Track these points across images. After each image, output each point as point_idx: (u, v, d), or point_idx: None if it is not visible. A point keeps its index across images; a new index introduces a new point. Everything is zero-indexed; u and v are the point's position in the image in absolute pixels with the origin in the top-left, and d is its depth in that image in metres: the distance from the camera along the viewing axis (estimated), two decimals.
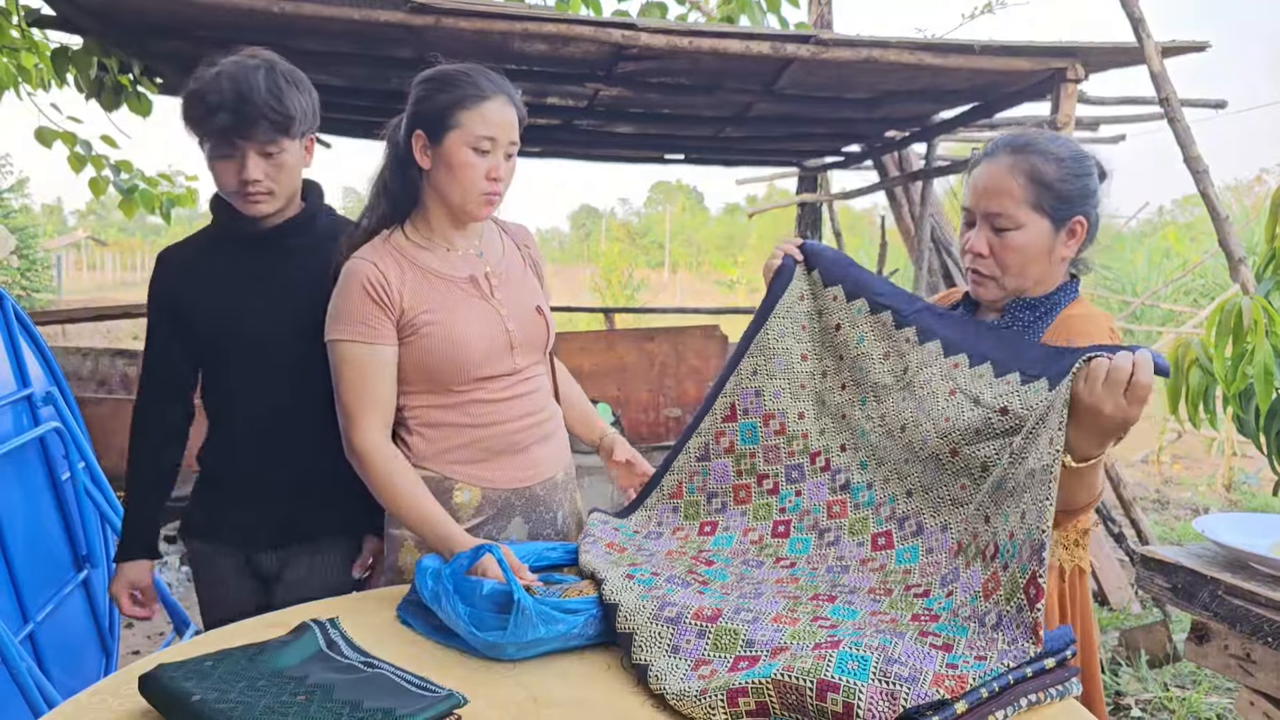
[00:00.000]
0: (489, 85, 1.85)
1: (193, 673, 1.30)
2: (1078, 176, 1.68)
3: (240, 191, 1.92)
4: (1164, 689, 3.80)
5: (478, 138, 1.83)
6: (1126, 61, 4.07)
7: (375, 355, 1.84)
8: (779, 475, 1.82)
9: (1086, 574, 1.72)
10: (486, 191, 1.86)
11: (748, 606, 1.51)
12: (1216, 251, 11.80)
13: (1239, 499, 7.21)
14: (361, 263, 1.86)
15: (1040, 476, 1.35)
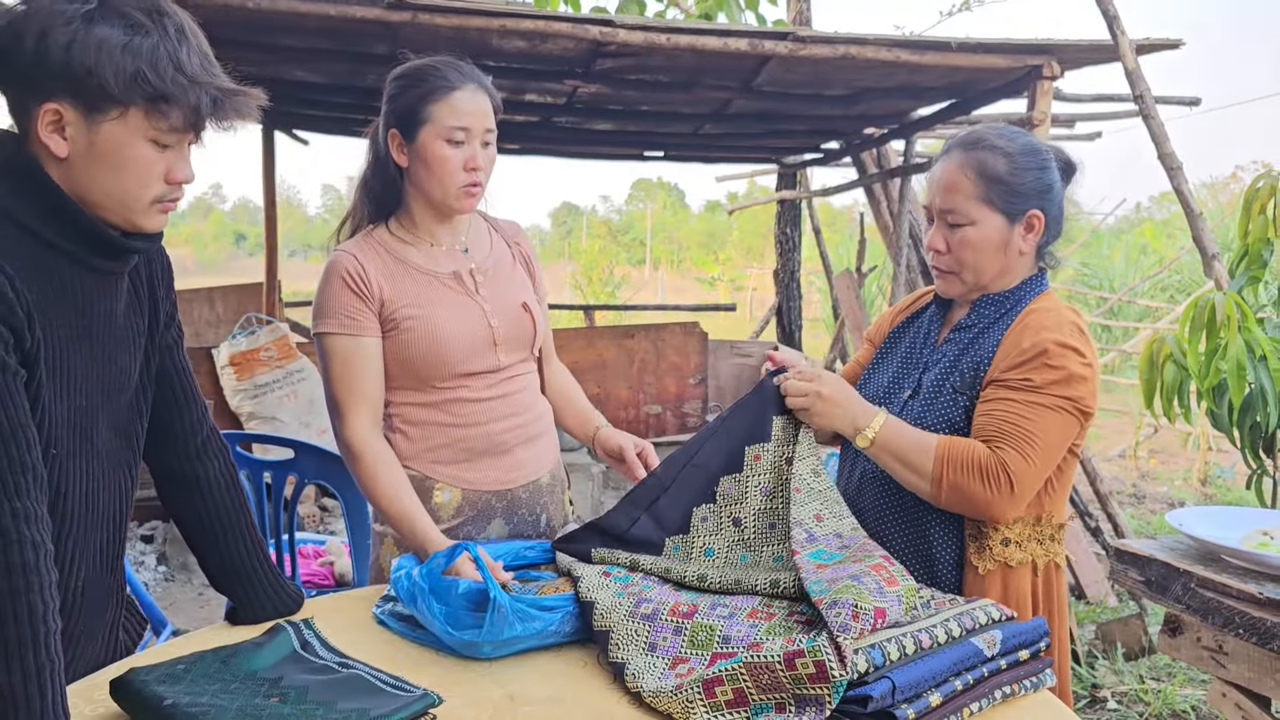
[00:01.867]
0: (457, 76, 1.84)
1: (165, 676, 1.29)
2: (1028, 170, 1.70)
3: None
4: (1140, 681, 3.83)
5: (450, 129, 1.82)
6: (1102, 59, 4.10)
7: (360, 347, 1.83)
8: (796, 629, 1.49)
9: (1062, 569, 1.73)
10: (466, 183, 1.85)
11: (724, 603, 1.51)
12: (1193, 248, 11.90)
13: (1214, 493, 7.28)
14: (341, 254, 1.86)
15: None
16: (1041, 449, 1.59)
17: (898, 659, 1.27)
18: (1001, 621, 1.44)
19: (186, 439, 1.62)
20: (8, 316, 1.24)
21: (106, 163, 1.30)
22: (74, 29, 1.24)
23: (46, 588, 1.20)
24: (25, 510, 1.20)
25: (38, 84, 1.26)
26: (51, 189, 1.30)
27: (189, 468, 1.62)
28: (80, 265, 1.36)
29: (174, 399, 1.60)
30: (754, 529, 1.67)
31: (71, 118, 1.28)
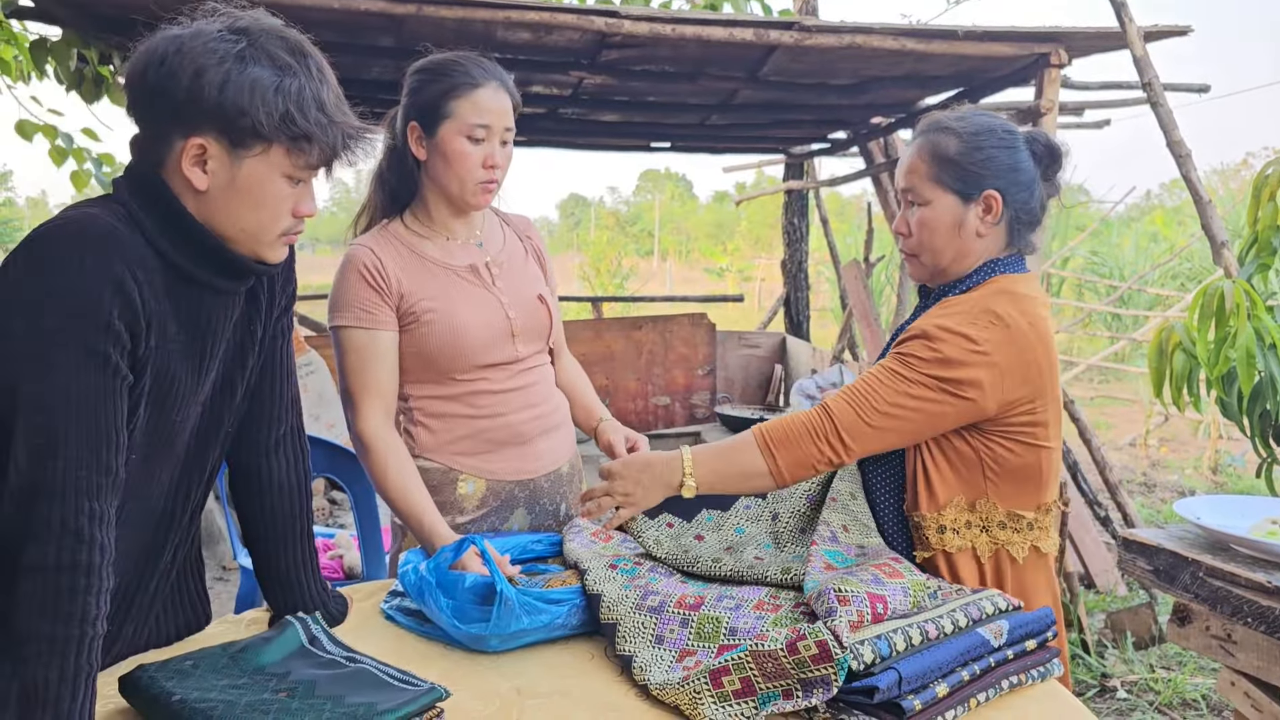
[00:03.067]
0: (481, 73, 1.84)
1: (174, 673, 1.29)
2: (980, 150, 1.69)
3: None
4: (1150, 670, 3.82)
5: (472, 126, 1.82)
6: (1110, 46, 4.07)
7: (375, 340, 1.84)
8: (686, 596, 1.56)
9: (1048, 556, 1.70)
10: (483, 180, 1.85)
11: (730, 594, 1.52)
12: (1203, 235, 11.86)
13: (1224, 481, 7.25)
14: (358, 249, 1.86)
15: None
16: (879, 409, 1.58)
17: (904, 650, 1.27)
18: (1009, 612, 1.44)
19: (260, 431, 1.59)
20: (131, 322, 1.26)
21: (246, 197, 1.34)
22: (228, 69, 1.27)
23: (104, 592, 1.21)
24: (101, 514, 1.22)
25: (187, 119, 1.29)
26: (188, 219, 1.33)
27: (258, 461, 1.60)
28: (205, 288, 1.38)
29: (260, 389, 1.58)
30: (788, 527, 1.74)
31: (215, 152, 1.30)
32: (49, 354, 1.20)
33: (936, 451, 1.65)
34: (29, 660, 1.14)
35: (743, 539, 1.74)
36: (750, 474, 1.64)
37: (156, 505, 1.45)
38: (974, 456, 1.64)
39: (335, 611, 1.64)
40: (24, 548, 1.17)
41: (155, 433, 1.37)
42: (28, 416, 1.20)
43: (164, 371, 1.34)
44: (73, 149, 4.78)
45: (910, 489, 1.68)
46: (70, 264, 1.22)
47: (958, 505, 1.66)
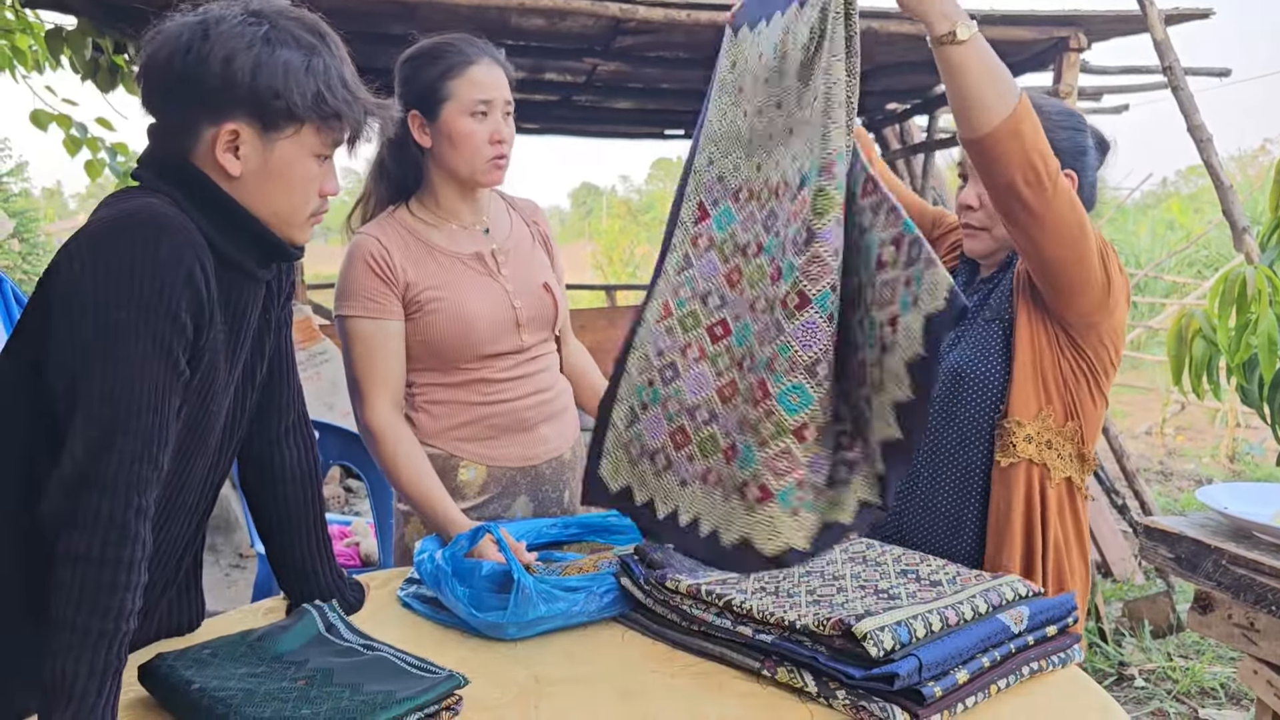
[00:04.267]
0: (474, 50, 1.84)
1: (192, 662, 1.29)
2: (1061, 129, 1.72)
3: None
4: (1167, 659, 3.80)
5: (474, 102, 1.81)
6: (1129, 30, 4.03)
7: (382, 330, 1.83)
8: (758, 234, 1.56)
9: (1082, 491, 1.77)
10: (493, 156, 1.85)
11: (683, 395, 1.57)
12: (1220, 222, 11.73)
13: (1242, 469, 7.21)
14: (365, 238, 1.85)
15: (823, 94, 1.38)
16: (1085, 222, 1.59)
17: (924, 636, 1.26)
18: (1029, 598, 1.42)
19: (271, 421, 1.59)
20: (196, 314, 1.26)
21: (279, 180, 1.34)
22: (257, 53, 1.27)
23: (139, 588, 1.20)
24: (146, 509, 1.21)
25: (219, 106, 1.28)
26: (234, 204, 1.33)
27: (268, 451, 1.59)
28: (246, 276, 1.38)
29: (269, 378, 1.57)
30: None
31: (248, 136, 1.30)
32: (117, 346, 1.19)
33: (1045, 356, 1.69)
34: (58, 651, 1.13)
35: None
36: (1004, 82, 1.49)
37: (188, 499, 1.45)
38: (1072, 376, 1.70)
39: (352, 599, 1.63)
40: (65, 535, 1.16)
41: (193, 425, 1.37)
42: (88, 407, 1.19)
43: (210, 364, 1.34)
44: (87, 138, 4.78)
45: (1011, 389, 1.69)
46: (145, 254, 1.20)
47: (1045, 420, 1.70)
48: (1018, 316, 1.71)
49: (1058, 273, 1.62)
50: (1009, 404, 1.70)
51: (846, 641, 1.26)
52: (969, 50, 1.46)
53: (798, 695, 1.30)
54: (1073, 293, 1.64)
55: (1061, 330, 1.70)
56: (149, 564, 1.23)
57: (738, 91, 1.64)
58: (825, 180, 1.36)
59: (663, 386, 1.64)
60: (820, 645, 1.29)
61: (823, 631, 1.28)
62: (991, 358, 1.73)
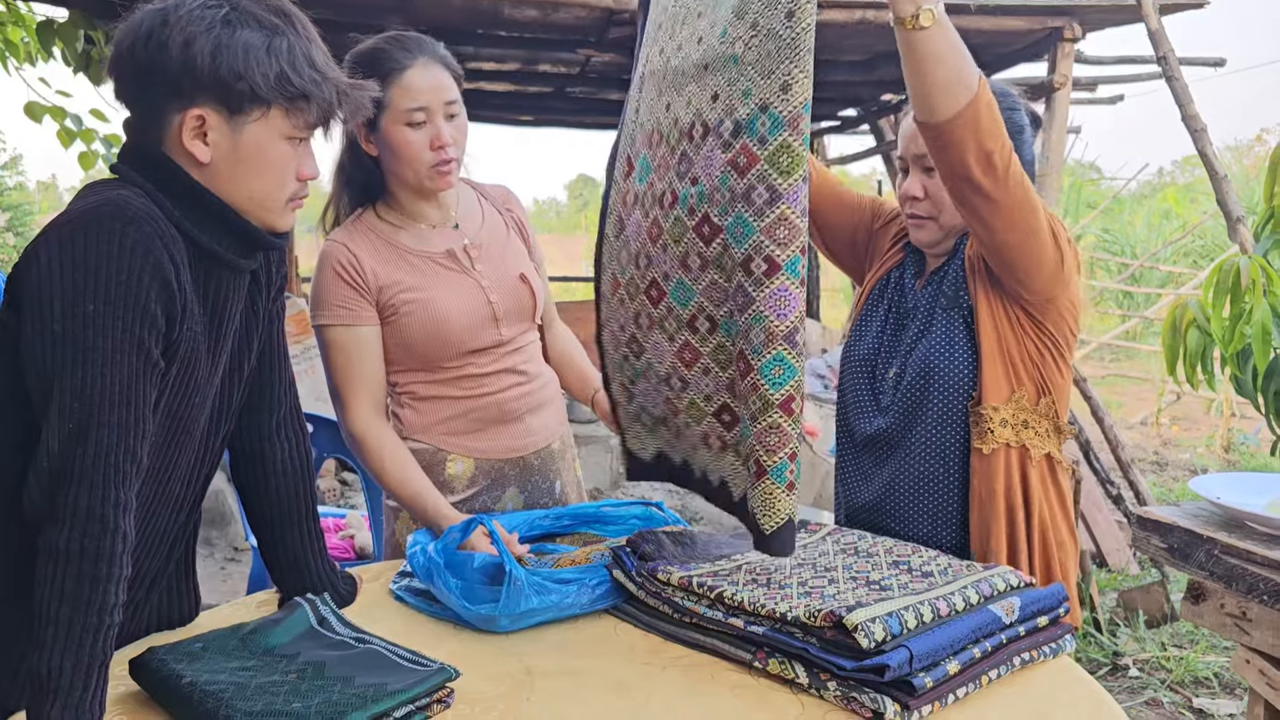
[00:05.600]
0: (406, 54, 1.79)
1: (184, 655, 1.29)
2: (1002, 109, 1.67)
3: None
4: (1161, 649, 3.82)
5: (409, 112, 1.77)
6: (1124, 20, 4.02)
7: (357, 336, 1.82)
8: (670, 182, 1.49)
9: (1062, 465, 1.77)
10: (435, 163, 1.80)
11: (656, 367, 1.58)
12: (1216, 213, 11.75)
13: (1237, 459, 7.23)
14: (333, 245, 1.85)
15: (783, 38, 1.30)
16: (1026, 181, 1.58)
17: (915, 627, 1.26)
18: (1020, 588, 1.42)
19: (262, 415, 1.58)
20: (168, 305, 1.25)
21: (250, 164, 1.33)
22: (217, 35, 1.26)
23: (122, 581, 1.20)
24: (126, 501, 1.21)
25: (182, 91, 1.27)
26: (206, 193, 1.31)
27: (259, 445, 1.58)
28: (223, 265, 1.37)
29: (259, 371, 1.56)
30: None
31: (215, 122, 1.29)
32: (87, 340, 1.19)
33: (1009, 338, 1.69)
34: (43, 646, 1.13)
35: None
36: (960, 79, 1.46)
37: (174, 490, 1.44)
38: (1036, 353, 1.70)
39: (344, 592, 1.63)
40: (47, 530, 1.16)
41: (175, 416, 1.36)
42: (62, 401, 1.18)
43: (189, 355, 1.33)
44: (81, 130, 4.77)
45: (981, 378, 1.69)
46: (110, 246, 1.20)
47: (1019, 402, 1.70)
48: (977, 303, 1.71)
49: (1013, 254, 1.62)
50: (981, 391, 1.70)
51: (838, 633, 1.26)
52: (933, 34, 1.43)
53: (789, 686, 1.31)
54: (1029, 271, 1.64)
55: (1021, 310, 1.70)
56: (134, 556, 1.23)
57: (656, 29, 1.57)
58: (791, 135, 1.30)
59: (636, 360, 1.62)
60: (811, 637, 1.29)
61: (814, 623, 1.28)
62: (957, 347, 1.73)
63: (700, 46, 1.43)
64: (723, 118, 1.38)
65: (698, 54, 1.44)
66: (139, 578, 1.43)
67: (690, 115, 1.45)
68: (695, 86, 1.43)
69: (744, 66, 1.35)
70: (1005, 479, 1.70)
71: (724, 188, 1.37)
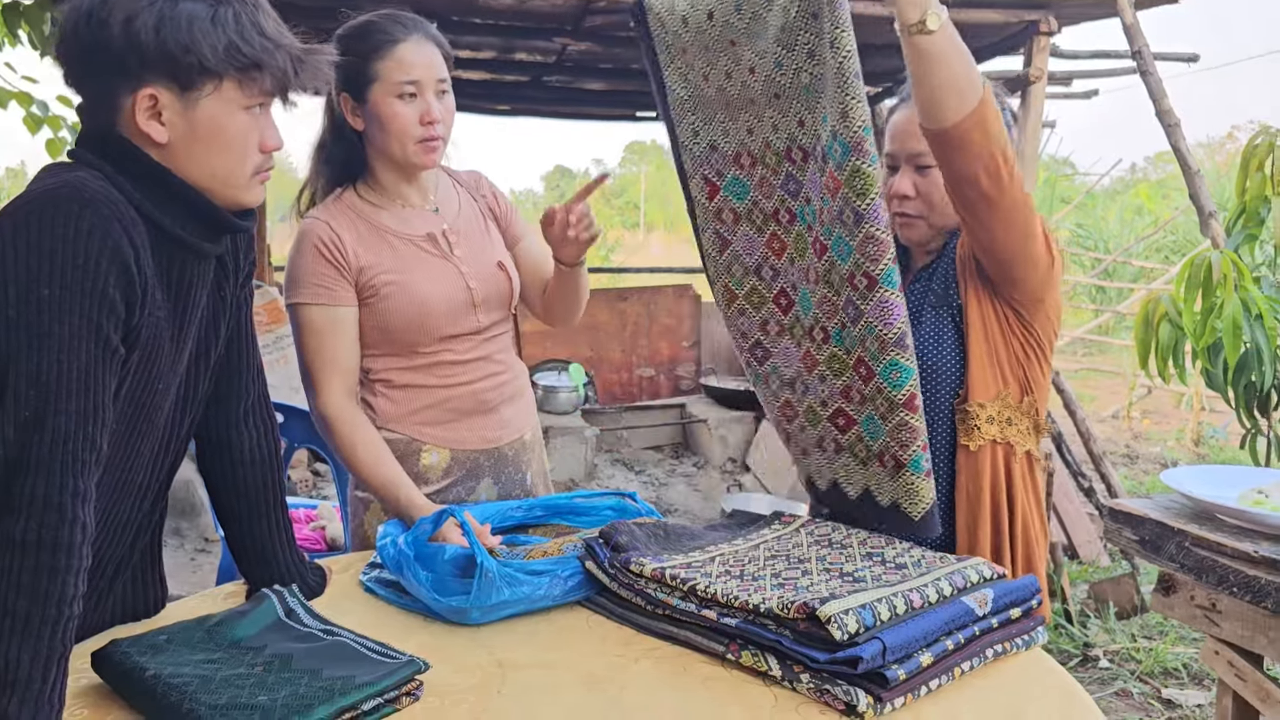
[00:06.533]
0: (399, 28, 1.78)
1: (147, 648, 1.26)
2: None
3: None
4: (1131, 640, 3.85)
5: (400, 84, 1.76)
6: (1099, 14, 4.04)
7: (335, 317, 1.79)
8: (784, 200, 1.64)
9: (1039, 462, 1.79)
10: (423, 137, 1.78)
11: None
12: (1188, 208, 11.83)
13: (1207, 453, 7.30)
14: (314, 222, 1.81)
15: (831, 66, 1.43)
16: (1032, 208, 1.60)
17: (888, 619, 1.26)
18: (993, 580, 1.42)
19: (230, 403, 1.55)
20: (126, 290, 1.22)
21: (210, 141, 1.29)
22: (159, 9, 1.22)
23: (82, 572, 1.17)
24: (85, 491, 1.18)
25: (130, 71, 1.24)
26: (168, 174, 1.28)
27: (226, 434, 1.55)
28: (187, 249, 1.34)
29: (227, 359, 1.53)
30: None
31: (167, 100, 1.26)
32: (42, 325, 1.16)
33: (997, 338, 1.70)
34: (0, 638, 1.10)
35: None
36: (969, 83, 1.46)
37: (136, 478, 1.41)
38: (1022, 353, 1.72)
39: (313, 583, 1.61)
40: (3, 520, 1.13)
41: (138, 404, 1.33)
42: (18, 388, 1.15)
43: (151, 341, 1.30)
44: (48, 116, 4.68)
45: (969, 375, 1.70)
46: (66, 230, 1.17)
47: (1005, 399, 1.71)
48: (967, 302, 1.71)
49: (1009, 256, 1.63)
50: (968, 388, 1.70)
51: (811, 625, 1.25)
52: (939, 39, 1.42)
53: (762, 679, 1.30)
54: (1024, 271, 1.65)
55: (1010, 310, 1.70)
56: (95, 546, 1.21)
57: (681, 53, 1.66)
58: (859, 159, 1.42)
59: (759, 366, 1.76)
60: (785, 629, 1.28)
61: (787, 615, 1.27)
62: (945, 345, 1.73)
63: (758, 76, 1.56)
64: (814, 143, 1.52)
65: (759, 83, 1.58)
66: (100, 567, 1.40)
67: (783, 140, 1.59)
68: (775, 112, 1.57)
69: (815, 95, 1.49)
70: (991, 475, 1.70)
71: (826, 209, 1.49)
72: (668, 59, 1.68)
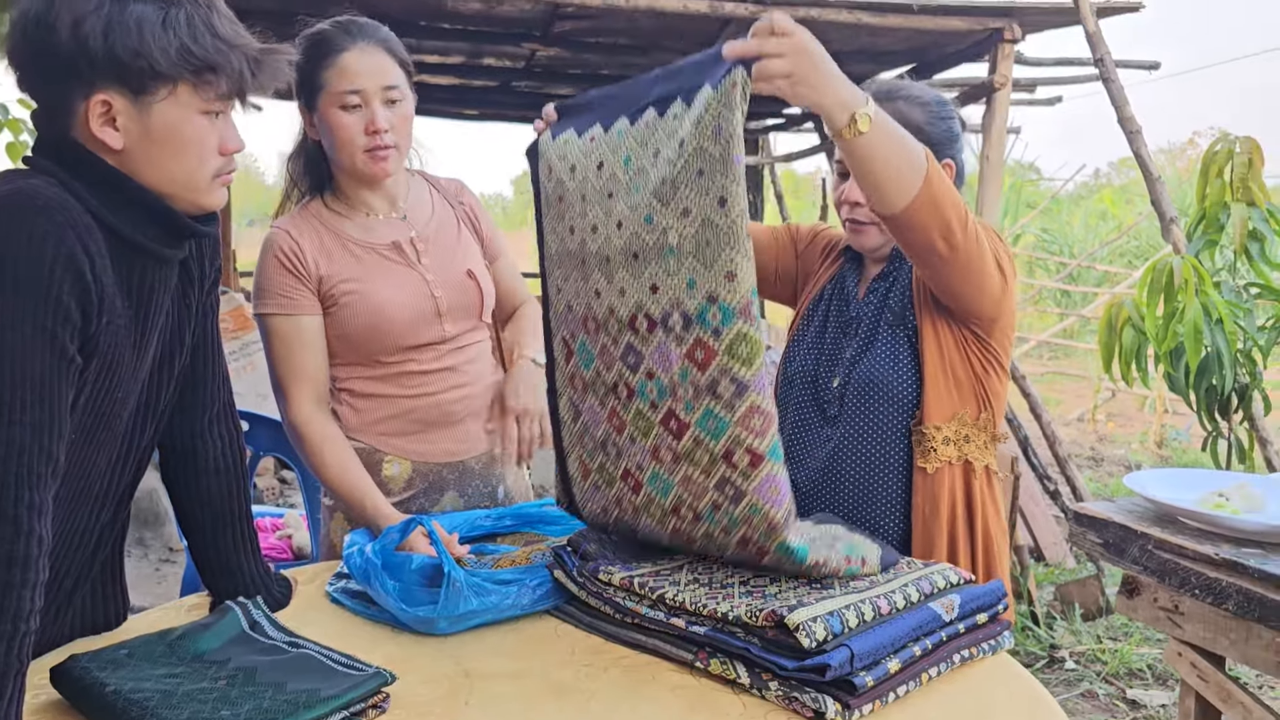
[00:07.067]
0: (345, 37, 1.75)
1: (107, 663, 1.24)
2: (942, 119, 1.73)
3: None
4: (1097, 641, 3.89)
5: (343, 95, 1.73)
6: (1063, 22, 4.09)
7: (299, 326, 1.78)
8: (622, 374, 1.47)
9: (996, 475, 1.79)
10: (369, 147, 1.76)
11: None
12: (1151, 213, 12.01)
13: (1170, 455, 7.40)
14: (276, 232, 1.81)
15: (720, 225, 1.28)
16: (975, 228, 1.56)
17: (856, 626, 1.26)
18: (960, 585, 1.43)
19: (195, 412, 1.52)
20: (82, 297, 1.19)
21: (166, 145, 1.26)
22: (107, 12, 1.19)
23: (38, 586, 1.14)
24: (41, 504, 1.15)
25: (81, 77, 1.21)
26: (124, 178, 1.25)
27: (191, 443, 1.52)
28: (147, 255, 1.31)
29: (192, 367, 1.50)
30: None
31: (121, 106, 1.23)
32: None
33: (954, 358, 1.69)
34: None
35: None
36: (910, 167, 1.43)
37: (94, 488, 1.39)
38: (981, 369, 1.71)
39: (278, 595, 1.59)
40: None
41: (97, 414, 1.31)
42: None
43: (110, 349, 1.27)
44: (7, 120, 4.61)
45: (925, 399, 1.69)
46: (17, 237, 1.14)
47: (962, 419, 1.70)
48: (922, 324, 1.71)
49: (964, 296, 1.64)
50: (924, 411, 1.69)
51: (779, 633, 1.25)
52: (872, 137, 1.38)
53: (731, 687, 1.30)
54: (979, 305, 1.65)
55: (967, 329, 1.70)
56: (53, 558, 1.18)
57: (558, 201, 1.53)
58: (745, 324, 1.29)
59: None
60: (753, 636, 1.28)
61: (755, 623, 1.27)
62: (901, 365, 1.72)
63: (623, 232, 1.40)
64: (669, 310, 1.36)
65: (621, 240, 1.41)
66: (58, 580, 1.38)
67: (629, 307, 1.42)
68: (627, 274, 1.41)
69: (683, 256, 1.33)
70: (949, 496, 1.70)
71: (685, 382, 1.35)
72: (545, 208, 1.58)
